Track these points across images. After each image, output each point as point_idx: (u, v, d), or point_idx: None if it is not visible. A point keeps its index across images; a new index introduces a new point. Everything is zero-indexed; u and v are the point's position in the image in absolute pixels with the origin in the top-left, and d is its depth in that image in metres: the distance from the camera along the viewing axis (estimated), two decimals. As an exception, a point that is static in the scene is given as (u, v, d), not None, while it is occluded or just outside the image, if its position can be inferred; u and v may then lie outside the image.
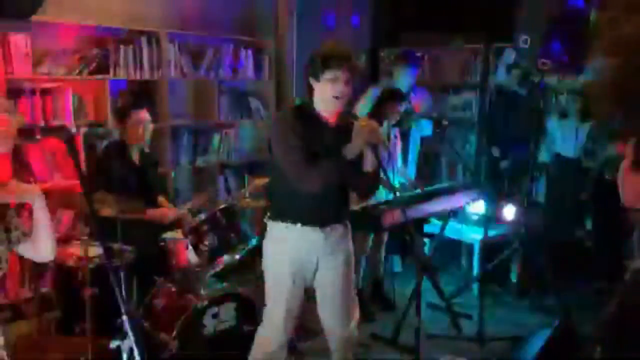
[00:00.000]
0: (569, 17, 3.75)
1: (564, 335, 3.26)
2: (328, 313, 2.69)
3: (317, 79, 2.45)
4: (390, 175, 2.57)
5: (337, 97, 2.44)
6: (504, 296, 4.43)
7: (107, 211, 2.87)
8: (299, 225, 2.54)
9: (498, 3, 4.82)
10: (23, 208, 2.03)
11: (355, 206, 3.09)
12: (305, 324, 3.15)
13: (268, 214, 2.67)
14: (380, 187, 2.83)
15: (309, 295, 2.72)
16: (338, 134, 2.50)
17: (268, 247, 2.66)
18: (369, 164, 2.51)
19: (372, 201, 3.21)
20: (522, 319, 4.02)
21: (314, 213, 2.55)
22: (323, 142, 2.48)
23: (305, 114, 2.53)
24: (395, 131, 4.09)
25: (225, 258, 3.30)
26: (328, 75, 2.41)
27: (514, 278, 4.57)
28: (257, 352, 2.71)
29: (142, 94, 4.42)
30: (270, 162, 2.60)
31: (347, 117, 2.55)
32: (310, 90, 2.51)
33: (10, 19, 3.56)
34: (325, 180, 2.42)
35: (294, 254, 2.58)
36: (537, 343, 3.23)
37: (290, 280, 2.58)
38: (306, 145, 2.42)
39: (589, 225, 5.02)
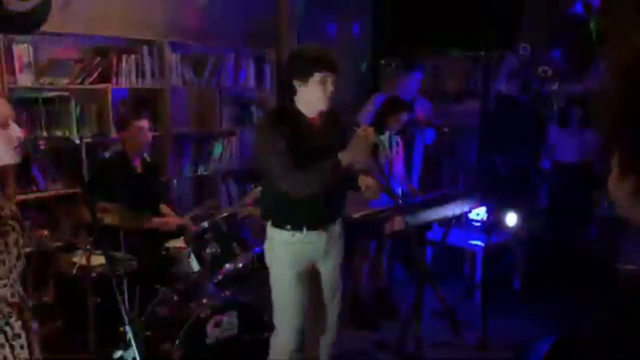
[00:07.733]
0: (569, 25, 3.77)
1: (567, 343, 3.24)
2: (329, 302, 2.77)
3: (304, 80, 2.47)
4: (393, 182, 2.58)
5: (327, 98, 2.48)
6: (507, 303, 4.41)
7: (109, 220, 2.88)
8: (304, 230, 2.57)
9: (499, 11, 4.84)
10: None
11: (356, 214, 3.09)
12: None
13: (270, 220, 2.67)
14: (382, 194, 2.84)
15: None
16: (324, 133, 2.54)
17: (273, 252, 2.68)
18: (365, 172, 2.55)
19: (374, 208, 3.21)
20: (524, 326, 4.00)
21: (316, 216, 2.59)
22: (311, 142, 2.51)
23: (289, 115, 2.54)
24: (398, 139, 4.09)
25: (228, 266, 3.30)
26: (318, 77, 2.45)
27: (516, 285, 4.56)
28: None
29: (143, 103, 4.43)
30: (263, 169, 2.61)
31: (331, 116, 2.58)
32: (292, 91, 2.53)
33: (15, 34, 3.58)
34: (316, 183, 2.44)
35: (300, 256, 2.61)
36: (540, 350, 3.21)
37: (297, 281, 2.61)
38: (293, 146, 2.43)
39: (591, 231, 5.00)
